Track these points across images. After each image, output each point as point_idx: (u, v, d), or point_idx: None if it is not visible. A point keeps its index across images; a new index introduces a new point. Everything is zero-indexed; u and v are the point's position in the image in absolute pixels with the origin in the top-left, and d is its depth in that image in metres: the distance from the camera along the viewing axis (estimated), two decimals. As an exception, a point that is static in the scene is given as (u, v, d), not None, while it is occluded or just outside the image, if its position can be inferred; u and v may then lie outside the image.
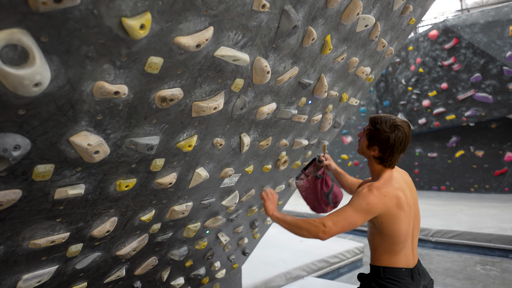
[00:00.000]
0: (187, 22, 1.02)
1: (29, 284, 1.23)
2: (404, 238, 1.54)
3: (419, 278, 1.57)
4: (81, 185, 1.14)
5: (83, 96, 0.94)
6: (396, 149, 1.53)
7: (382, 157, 1.57)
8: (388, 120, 1.54)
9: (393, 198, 1.50)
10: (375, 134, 1.55)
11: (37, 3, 0.70)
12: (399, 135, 1.52)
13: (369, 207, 1.47)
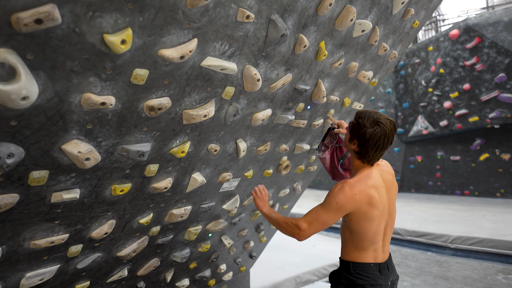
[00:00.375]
0: (170, 35, 1.07)
1: (32, 282, 1.32)
2: (372, 236, 1.54)
3: (388, 273, 1.59)
4: (76, 190, 1.21)
5: (72, 107, 1.00)
6: (371, 145, 1.49)
7: (360, 152, 1.54)
8: (372, 115, 1.51)
9: (364, 196, 1.49)
10: (355, 128, 1.53)
11: (19, 25, 0.77)
12: (377, 131, 1.47)
13: (338, 206, 1.47)
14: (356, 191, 1.48)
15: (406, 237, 5.91)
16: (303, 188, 2.87)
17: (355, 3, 1.64)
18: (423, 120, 9.32)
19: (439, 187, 9.77)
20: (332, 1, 1.47)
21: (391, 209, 1.63)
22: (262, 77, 1.53)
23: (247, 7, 1.21)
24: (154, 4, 0.97)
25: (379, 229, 1.55)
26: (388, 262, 1.61)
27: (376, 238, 1.55)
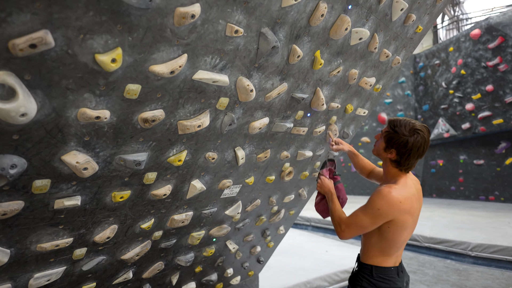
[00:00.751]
0: (160, 52, 1.14)
1: (39, 282, 1.42)
2: (402, 243, 1.57)
3: (402, 275, 1.63)
4: (77, 197, 1.30)
5: (69, 121, 1.08)
6: (414, 153, 1.51)
7: (399, 160, 1.54)
8: (408, 123, 1.52)
9: (408, 205, 1.49)
10: (393, 137, 1.53)
11: (16, 50, 0.85)
12: (418, 139, 1.49)
13: (380, 212, 1.47)
14: (401, 199, 1.48)
15: (424, 244, 5.76)
16: (309, 194, 2.88)
17: (349, 12, 1.66)
18: (444, 123, 9.06)
19: (462, 192, 9.44)
20: (324, 12, 1.50)
21: (417, 215, 1.64)
22: (257, 87, 1.58)
23: (236, 22, 1.26)
24: (142, 24, 1.04)
25: (408, 237, 1.59)
26: (402, 265, 1.67)
27: (403, 245, 1.60)
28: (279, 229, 2.96)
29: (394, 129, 1.54)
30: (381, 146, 1.61)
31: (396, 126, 1.54)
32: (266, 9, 1.32)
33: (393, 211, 1.46)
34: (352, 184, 11.38)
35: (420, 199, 1.66)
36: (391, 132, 1.55)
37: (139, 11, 1.00)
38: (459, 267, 5.09)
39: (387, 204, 1.45)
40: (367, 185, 11.06)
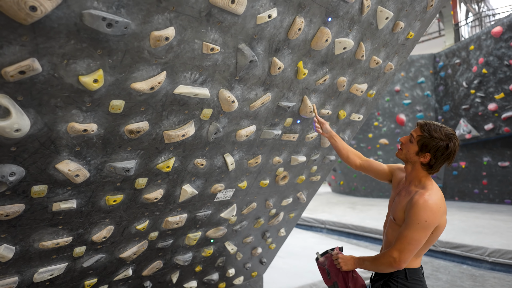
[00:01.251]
0: (140, 71, 1.27)
1: (43, 276, 1.58)
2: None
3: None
4: (73, 200, 1.45)
5: (60, 134, 1.23)
6: (450, 157, 1.54)
7: (433, 164, 1.55)
8: (441, 128, 1.55)
9: (443, 206, 1.53)
10: (430, 142, 1.54)
11: (7, 76, 1.00)
12: (456, 144, 1.53)
13: (428, 223, 1.47)
14: (439, 203, 1.50)
15: (439, 248, 5.63)
16: (308, 197, 2.94)
17: (330, 24, 1.73)
18: (466, 123, 8.76)
19: (486, 195, 9.08)
20: (301, 27, 1.58)
21: None
22: (240, 98, 1.68)
23: (211, 41, 1.37)
24: (121, 48, 1.17)
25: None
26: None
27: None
28: (280, 231, 3.04)
29: (430, 133, 1.55)
30: (412, 150, 1.61)
31: (431, 130, 1.55)
32: (241, 27, 1.42)
33: (438, 217, 1.48)
34: (371, 187, 11.21)
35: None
36: (427, 137, 1.55)
37: (116, 37, 1.13)
38: (475, 272, 4.94)
39: (431, 213, 1.47)
40: (386, 188, 10.86)
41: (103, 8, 1.05)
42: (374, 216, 7.79)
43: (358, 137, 10.76)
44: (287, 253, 4.98)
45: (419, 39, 2.37)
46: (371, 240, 6.83)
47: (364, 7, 1.77)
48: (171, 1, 1.17)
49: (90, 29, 1.06)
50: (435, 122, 1.59)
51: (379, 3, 1.85)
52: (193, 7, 1.23)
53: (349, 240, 7.14)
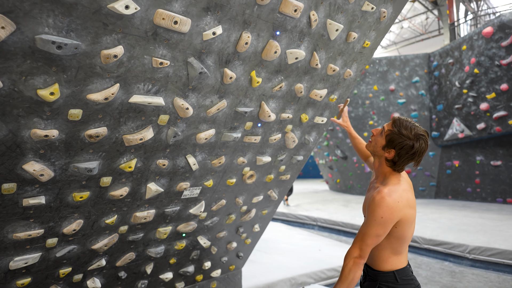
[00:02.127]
0: (94, 84, 1.44)
1: (18, 264, 1.77)
2: (410, 239, 1.58)
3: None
4: (41, 197, 1.63)
5: (24, 139, 1.41)
6: (415, 158, 1.53)
7: (396, 161, 1.54)
8: (413, 127, 1.52)
9: (405, 200, 1.51)
10: (397, 138, 1.52)
11: (-29, 92, 1.18)
12: (422, 146, 1.51)
13: (384, 220, 1.48)
14: (397, 198, 1.49)
15: (423, 245, 5.77)
16: (280, 195, 3.10)
17: (279, 37, 1.89)
18: (459, 123, 8.85)
19: (479, 194, 9.16)
20: (248, 41, 1.75)
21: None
22: (196, 105, 1.85)
23: (160, 56, 1.54)
24: (74, 65, 1.34)
25: (414, 230, 1.62)
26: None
27: (410, 239, 1.61)
28: (254, 227, 3.21)
29: (399, 129, 1.52)
30: (380, 143, 1.59)
31: (402, 127, 1.52)
32: (189, 43, 1.59)
33: (397, 213, 1.48)
34: (366, 185, 11.32)
35: (413, 191, 1.65)
36: (396, 132, 1.53)
37: (68, 56, 1.31)
38: (455, 269, 5.08)
39: (388, 209, 1.47)
40: (381, 186, 10.96)
41: (53, 32, 1.23)
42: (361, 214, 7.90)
43: (354, 135, 10.86)
44: (273, 249, 5.15)
45: (377, 47, 2.51)
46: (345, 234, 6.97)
47: (312, 21, 1.93)
48: (117, 24, 1.34)
49: (43, 51, 1.24)
50: (410, 120, 1.56)
51: (328, 17, 2.00)
52: (139, 28, 1.40)
53: (339, 237, 7.29)
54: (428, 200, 10.02)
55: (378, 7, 2.18)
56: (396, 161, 1.54)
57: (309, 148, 2.89)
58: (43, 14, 1.18)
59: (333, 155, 12.01)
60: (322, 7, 1.93)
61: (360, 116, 10.58)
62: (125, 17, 1.33)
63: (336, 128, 11.20)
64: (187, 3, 1.46)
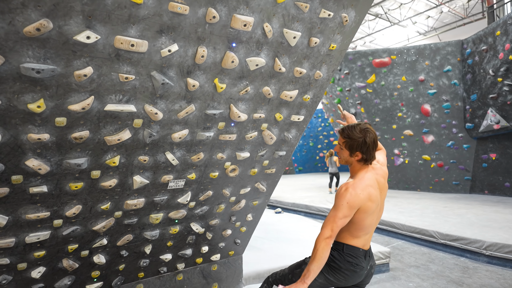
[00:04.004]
0: (72, 97, 1.82)
1: (32, 239, 2.25)
2: (367, 227, 1.94)
3: (369, 259, 2.04)
4: (43, 186, 2.07)
5: (23, 142, 1.84)
6: (372, 148, 1.92)
7: (366, 157, 1.93)
8: (355, 127, 1.94)
9: (366, 193, 1.86)
10: (352, 143, 1.93)
11: (-22, 108, 1.60)
12: (371, 136, 1.91)
13: (349, 205, 1.82)
14: (359, 190, 1.85)
15: (440, 241, 5.67)
16: (269, 187, 3.36)
17: (236, 48, 2.14)
18: (494, 113, 8.34)
19: (518, 188, 8.58)
20: (204, 54, 2.03)
21: (381, 206, 2.05)
22: (165, 109, 2.18)
23: (125, 72, 1.89)
24: (54, 84, 1.73)
25: (373, 222, 1.96)
26: (370, 250, 2.06)
27: (369, 229, 1.97)
28: (247, 216, 3.50)
29: (349, 136, 1.94)
30: (346, 154, 2.01)
31: (349, 133, 1.94)
32: (149, 60, 1.91)
33: (358, 201, 1.83)
34: (396, 179, 11.06)
35: (382, 190, 2.02)
36: (349, 140, 1.95)
37: (47, 78, 1.69)
38: (470, 265, 4.97)
39: (351, 197, 1.82)
40: (412, 180, 10.66)
41: (33, 61, 1.61)
42: (389, 208, 7.84)
43: (382, 128, 10.65)
44: (281, 238, 5.40)
45: (346, 48, 2.65)
46: (378, 231, 6.96)
47: (267, 32, 2.16)
48: (84, 50, 1.70)
49: (27, 75, 1.63)
50: (350, 124, 1.98)
51: (283, 26, 2.21)
52: (103, 52, 1.75)
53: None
54: (461, 195, 9.57)
55: (336, 13, 2.34)
56: (365, 158, 1.94)
57: (292, 144, 3.10)
58: (24, 48, 1.56)
59: (362, 148, 11.83)
60: (275, 18, 2.15)
61: (388, 108, 10.32)
62: (89, 44, 1.69)
63: (364, 121, 11.03)
64: (141, 28, 1.78)
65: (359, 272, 1.97)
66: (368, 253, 2.02)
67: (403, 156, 10.61)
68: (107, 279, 2.93)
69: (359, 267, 1.96)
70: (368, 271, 2.05)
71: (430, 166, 10.15)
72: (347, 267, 1.94)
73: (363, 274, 2.01)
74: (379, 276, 4.66)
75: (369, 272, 2.07)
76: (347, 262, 1.93)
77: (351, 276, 1.97)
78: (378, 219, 2.02)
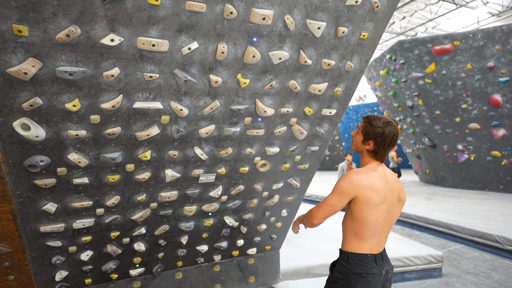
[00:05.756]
0: (103, 96, 1.98)
1: (78, 225, 2.50)
2: (372, 226, 1.75)
3: (382, 263, 1.82)
4: (85, 178, 2.29)
5: (64, 137, 2.05)
6: (388, 142, 1.79)
7: (377, 150, 1.81)
8: (380, 117, 1.82)
9: (368, 182, 1.73)
10: (370, 130, 1.81)
11: (24, 108, 1.82)
12: (391, 130, 1.78)
13: (343, 189, 1.74)
14: (361, 177, 1.74)
15: (506, 247, 5.06)
16: (303, 183, 3.30)
17: (257, 43, 2.13)
18: None
19: None
20: (224, 50, 2.06)
21: (393, 207, 1.85)
22: (191, 106, 2.25)
23: (149, 71, 1.99)
24: (86, 84, 1.89)
25: (379, 221, 1.77)
26: (383, 254, 1.86)
27: (375, 230, 1.77)
28: (282, 212, 3.49)
29: (370, 123, 1.83)
30: (359, 139, 1.88)
31: (371, 120, 1.83)
32: (171, 59, 1.99)
33: (354, 188, 1.71)
34: (460, 177, 10.09)
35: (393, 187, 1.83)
36: (368, 126, 1.84)
37: (80, 79, 1.86)
38: None
39: (349, 182, 1.73)
40: (478, 178, 9.64)
41: (66, 64, 1.78)
42: (448, 208, 7.23)
43: (443, 121, 9.80)
44: (323, 236, 5.27)
45: (380, 36, 2.48)
46: (434, 233, 6.46)
47: (288, 24, 2.11)
48: (110, 52, 1.83)
49: (61, 78, 1.81)
50: (378, 114, 1.87)
51: (306, 17, 2.14)
52: (127, 53, 1.87)
53: (411, 231, 6.87)
54: (540, 196, 8.41)
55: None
56: (376, 150, 1.82)
57: (325, 139, 3.01)
58: (57, 53, 1.74)
59: (420, 143, 11.01)
60: (296, 10, 2.09)
61: (450, 99, 9.44)
62: (114, 47, 1.81)
63: (423, 114, 10.23)
64: (161, 28, 1.86)
65: (373, 281, 1.76)
66: (380, 257, 1.81)
67: (468, 152, 9.63)
68: (148, 266, 3.14)
69: (370, 275, 1.75)
70: (384, 277, 1.84)
71: (501, 163, 9.07)
72: (358, 280, 1.75)
73: (379, 281, 1.80)
74: (429, 281, 4.32)
75: (385, 278, 1.85)
76: (355, 274, 1.75)
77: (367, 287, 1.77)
78: (388, 222, 1.83)
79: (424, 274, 4.41)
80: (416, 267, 4.37)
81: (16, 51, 1.65)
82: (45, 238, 2.44)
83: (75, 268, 2.73)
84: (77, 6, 1.63)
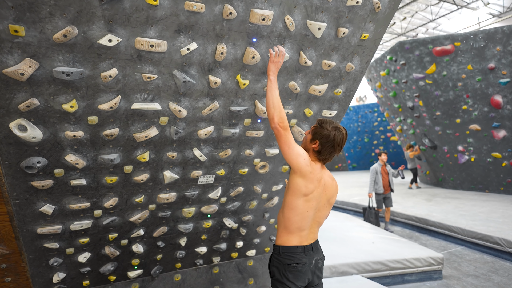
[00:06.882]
0: (101, 97, 1.96)
1: (76, 227, 2.48)
2: (300, 218, 1.95)
3: (312, 254, 2.02)
4: (82, 179, 2.27)
5: (62, 139, 2.03)
6: (331, 145, 1.96)
7: (320, 150, 1.97)
8: (332, 122, 2.00)
9: (311, 168, 1.91)
10: (319, 130, 1.99)
11: (21, 109, 1.80)
12: (338, 134, 1.96)
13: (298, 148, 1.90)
14: (308, 162, 1.91)
15: (507, 249, 5.04)
16: (302, 184, 3.27)
17: (257, 43, 2.11)
18: None
19: None
20: (224, 51, 2.03)
21: (322, 207, 2.06)
22: (190, 107, 2.23)
23: (148, 72, 1.97)
24: (83, 85, 1.87)
25: (306, 215, 1.97)
26: (313, 245, 2.05)
27: (303, 223, 1.98)
28: (281, 213, 3.46)
29: (321, 125, 2.00)
30: (308, 138, 2.05)
31: (323, 123, 2.01)
32: (170, 60, 1.97)
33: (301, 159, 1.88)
34: (460, 178, 10.07)
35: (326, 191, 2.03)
36: (318, 127, 2.01)
37: (77, 80, 1.84)
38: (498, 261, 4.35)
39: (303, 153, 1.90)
40: (479, 180, 9.62)
41: (64, 65, 1.76)
42: (448, 210, 7.21)
43: (444, 122, 9.78)
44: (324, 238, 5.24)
45: (381, 37, 2.46)
46: (434, 235, 6.44)
47: (288, 25, 2.09)
48: (108, 53, 1.81)
49: (58, 78, 1.79)
50: (332, 120, 2.06)
51: (306, 18, 2.12)
52: (125, 53, 1.85)
53: (411, 232, 6.85)
54: (540, 198, 8.39)
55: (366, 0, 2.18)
56: (320, 151, 1.97)
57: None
58: (55, 54, 1.71)
59: (420, 144, 10.98)
60: (296, 10, 2.07)
61: (451, 100, 9.41)
62: (112, 47, 1.79)
63: (423, 115, 10.20)
64: (160, 29, 1.84)
65: (302, 269, 1.95)
66: (310, 248, 2.00)
67: (469, 153, 9.61)
68: (146, 268, 3.12)
69: (300, 265, 1.95)
70: (314, 265, 2.02)
71: (502, 164, 9.05)
72: (289, 269, 1.94)
73: (309, 270, 1.98)
74: (429, 283, 4.30)
75: (316, 266, 2.03)
76: (286, 265, 1.95)
77: (298, 276, 1.95)
78: (317, 220, 2.02)
79: (424, 276, 4.38)
80: (416, 269, 4.34)
81: (12, 51, 1.63)
82: (42, 240, 2.42)
83: (72, 270, 2.71)
84: (74, 6, 1.61)
